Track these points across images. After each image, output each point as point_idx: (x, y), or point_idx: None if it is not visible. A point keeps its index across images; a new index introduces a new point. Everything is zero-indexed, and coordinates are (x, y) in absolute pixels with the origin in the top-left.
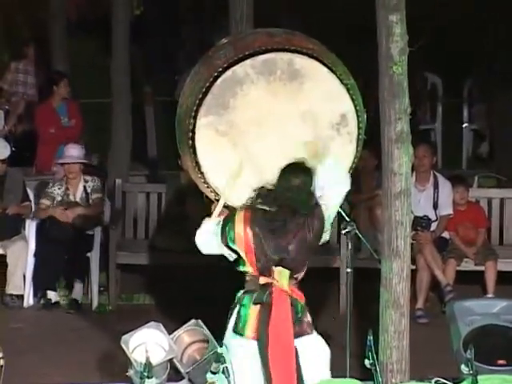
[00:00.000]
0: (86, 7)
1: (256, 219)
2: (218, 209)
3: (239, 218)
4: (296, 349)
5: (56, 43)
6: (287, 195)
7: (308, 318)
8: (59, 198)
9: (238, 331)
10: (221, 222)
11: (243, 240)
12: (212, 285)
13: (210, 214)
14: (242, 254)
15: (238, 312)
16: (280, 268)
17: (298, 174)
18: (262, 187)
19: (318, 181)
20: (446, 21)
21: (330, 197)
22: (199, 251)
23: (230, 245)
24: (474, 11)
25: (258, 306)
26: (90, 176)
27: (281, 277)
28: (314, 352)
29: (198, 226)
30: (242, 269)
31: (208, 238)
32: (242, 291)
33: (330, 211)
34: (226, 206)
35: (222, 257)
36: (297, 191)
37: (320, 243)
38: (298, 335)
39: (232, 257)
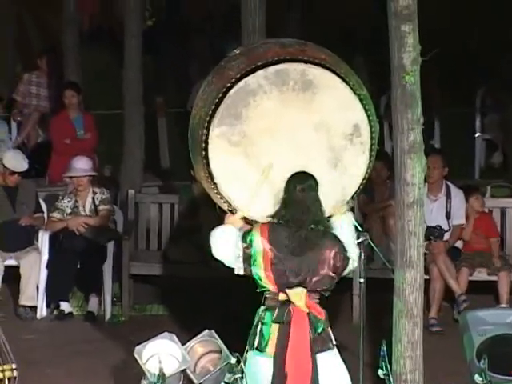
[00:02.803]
0: (99, 18)
1: (275, 237)
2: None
3: (258, 234)
4: (316, 366)
5: (69, 54)
6: (294, 207)
7: (329, 333)
8: (69, 211)
9: (261, 349)
10: (240, 238)
11: (262, 258)
12: (225, 296)
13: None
14: (261, 272)
15: (261, 330)
16: (296, 290)
17: (299, 180)
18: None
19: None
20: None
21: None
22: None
23: (251, 265)
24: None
25: (279, 324)
26: (98, 188)
27: (297, 298)
28: (335, 367)
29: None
30: (261, 287)
31: (227, 248)
32: (262, 308)
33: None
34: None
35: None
36: (301, 198)
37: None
38: (318, 351)
39: (241, 271)
